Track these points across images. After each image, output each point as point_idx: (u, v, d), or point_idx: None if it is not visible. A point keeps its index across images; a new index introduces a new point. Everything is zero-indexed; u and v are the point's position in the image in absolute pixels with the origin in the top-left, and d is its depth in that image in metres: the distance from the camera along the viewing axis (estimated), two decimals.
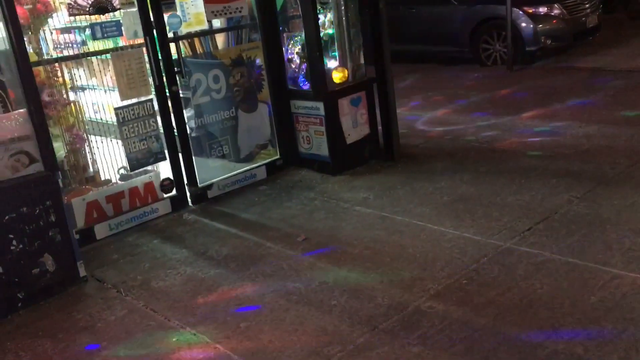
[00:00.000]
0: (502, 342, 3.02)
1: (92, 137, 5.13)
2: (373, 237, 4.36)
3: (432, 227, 4.37)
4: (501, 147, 5.93)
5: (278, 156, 5.98)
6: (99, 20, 4.79)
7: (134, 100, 5.03)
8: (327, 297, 3.64)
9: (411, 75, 9.65)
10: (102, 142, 5.13)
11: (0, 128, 3.84)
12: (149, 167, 5.29)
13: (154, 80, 5.04)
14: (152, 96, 5.13)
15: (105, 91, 5.35)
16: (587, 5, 9.74)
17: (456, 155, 5.83)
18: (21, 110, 3.94)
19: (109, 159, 5.16)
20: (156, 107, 5.16)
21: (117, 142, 5.17)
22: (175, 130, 5.30)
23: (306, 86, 5.71)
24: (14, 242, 3.84)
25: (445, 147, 6.15)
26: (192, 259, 4.41)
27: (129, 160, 5.02)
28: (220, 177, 5.64)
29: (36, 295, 3.97)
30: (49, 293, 4.03)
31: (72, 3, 4.57)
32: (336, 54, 5.67)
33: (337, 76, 5.57)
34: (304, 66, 5.68)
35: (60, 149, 4.79)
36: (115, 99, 5.05)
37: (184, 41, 5.53)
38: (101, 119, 5.35)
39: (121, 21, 4.87)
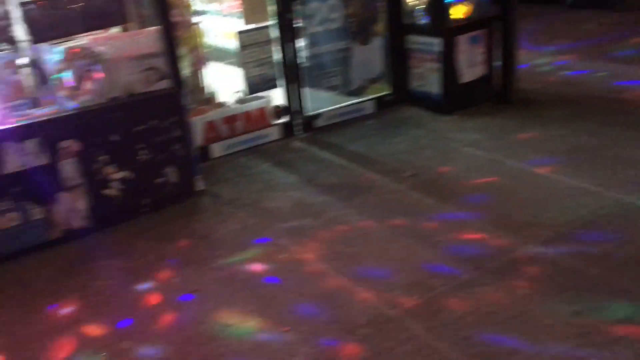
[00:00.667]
0: (615, 294, 2.94)
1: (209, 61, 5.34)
2: (482, 179, 4.30)
3: (546, 175, 4.24)
4: (631, 99, 5.53)
5: (388, 91, 5.94)
6: None
7: (254, 26, 5.14)
8: (432, 234, 3.67)
9: (535, 17, 9.07)
10: (217, 66, 5.34)
11: (134, 44, 4.08)
12: (263, 93, 5.44)
13: (277, 6, 5.10)
14: (271, 23, 5.21)
15: (223, 17, 5.51)
16: None
17: (578, 103, 5.52)
18: (153, 27, 4.15)
19: (224, 83, 5.37)
20: (273, 34, 5.25)
21: (232, 68, 5.35)
22: (289, 59, 5.38)
23: (424, 20, 5.56)
24: (144, 152, 4.14)
25: (567, 93, 5.83)
26: (301, 184, 4.56)
27: (247, 84, 5.19)
28: (329, 108, 5.71)
29: (159, 203, 4.29)
30: (170, 202, 4.34)
31: None
32: None
33: (460, 11, 5.37)
34: None
35: (183, 69, 5.01)
36: (231, 26, 5.19)
37: None
38: (218, 44, 5.56)
39: None
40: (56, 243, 3.89)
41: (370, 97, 5.87)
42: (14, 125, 3.71)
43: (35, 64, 4.12)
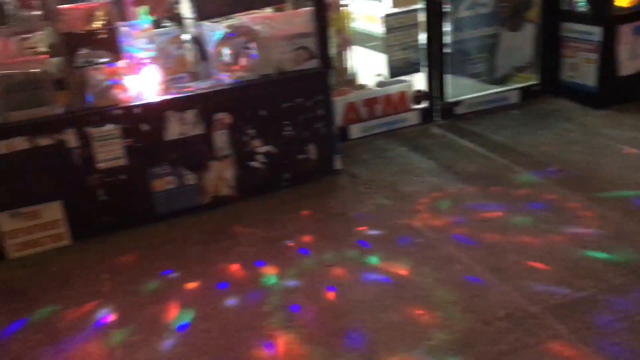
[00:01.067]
0: None
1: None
2: (638, 180, 3.98)
3: None
4: None
5: (535, 81, 5.66)
6: None
7: (401, 9, 5.12)
8: (580, 231, 3.47)
9: None
10: (359, 49, 5.41)
11: (288, 24, 4.23)
12: (404, 77, 5.42)
13: None
14: (419, 6, 5.16)
15: (369, 0, 5.55)
16: None
17: None
18: (307, 8, 4.27)
19: (365, 65, 5.42)
20: (420, 18, 5.19)
21: (373, 51, 5.39)
22: (434, 43, 5.30)
23: (582, 8, 5.20)
24: (288, 128, 4.31)
25: None
26: (438, 170, 4.51)
27: (390, 67, 5.19)
28: (471, 95, 5.56)
29: (298, 179, 4.45)
30: (309, 179, 4.48)
31: None
32: None
33: None
34: None
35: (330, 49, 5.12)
36: (377, 9, 5.20)
37: None
38: (360, 27, 5.62)
39: None
40: (206, 208, 4.18)
41: (516, 86, 5.63)
42: (176, 96, 4.02)
43: (197, 41, 4.42)
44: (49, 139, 3.69)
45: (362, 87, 5.44)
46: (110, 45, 3.72)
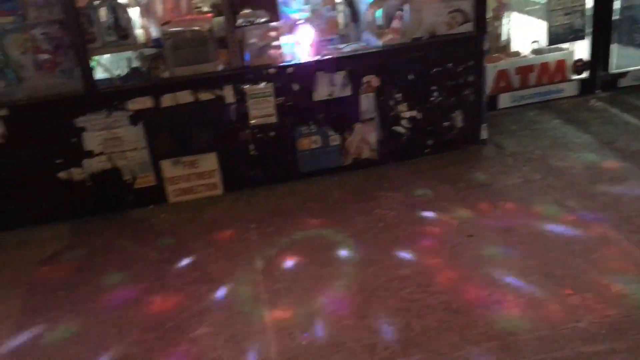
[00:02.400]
0: None
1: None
2: None
3: None
4: None
5: None
6: None
7: None
8: None
9: None
10: (515, 15, 5.12)
11: None
12: (564, 45, 5.05)
13: None
14: None
15: None
16: None
17: None
18: None
19: (520, 31, 5.12)
20: None
21: (529, 17, 5.10)
22: (602, 9, 4.86)
23: None
24: (435, 94, 4.22)
25: None
26: (596, 146, 4.19)
27: (550, 33, 4.86)
28: (638, 67, 5.05)
29: (442, 146, 4.37)
30: (452, 147, 4.38)
31: None
32: None
33: None
34: None
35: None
36: None
37: None
38: None
39: None
40: (347, 169, 4.26)
41: None
42: (327, 57, 4.09)
43: (349, 3, 4.45)
44: (209, 93, 3.94)
45: (516, 54, 5.17)
46: (269, 5, 3.85)
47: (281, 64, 3.99)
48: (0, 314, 3.11)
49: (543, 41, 5.01)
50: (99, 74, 4.22)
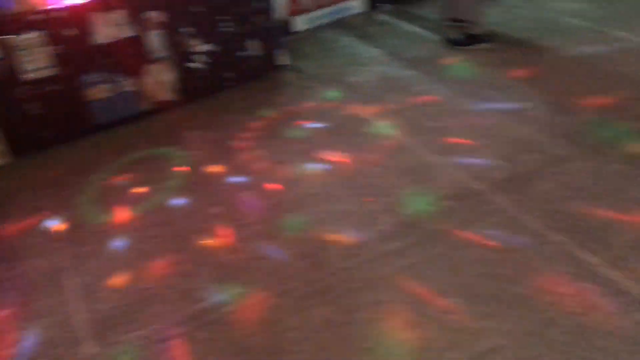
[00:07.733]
0: None
1: None
2: (584, 49, 3.96)
3: None
4: None
5: None
6: None
7: None
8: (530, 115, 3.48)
9: None
10: None
11: None
12: None
13: None
14: None
15: None
16: None
17: None
18: None
19: None
20: None
21: None
22: None
23: None
24: (227, 24, 4.09)
25: None
26: (385, 58, 4.40)
27: None
28: None
29: (243, 77, 4.30)
30: (254, 76, 4.34)
31: None
32: None
33: None
34: None
35: None
36: None
37: None
38: None
39: None
40: (147, 114, 4.03)
41: None
42: None
43: None
44: None
45: None
46: None
47: (47, 9, 3.57)
48: None
49: None
50: None
